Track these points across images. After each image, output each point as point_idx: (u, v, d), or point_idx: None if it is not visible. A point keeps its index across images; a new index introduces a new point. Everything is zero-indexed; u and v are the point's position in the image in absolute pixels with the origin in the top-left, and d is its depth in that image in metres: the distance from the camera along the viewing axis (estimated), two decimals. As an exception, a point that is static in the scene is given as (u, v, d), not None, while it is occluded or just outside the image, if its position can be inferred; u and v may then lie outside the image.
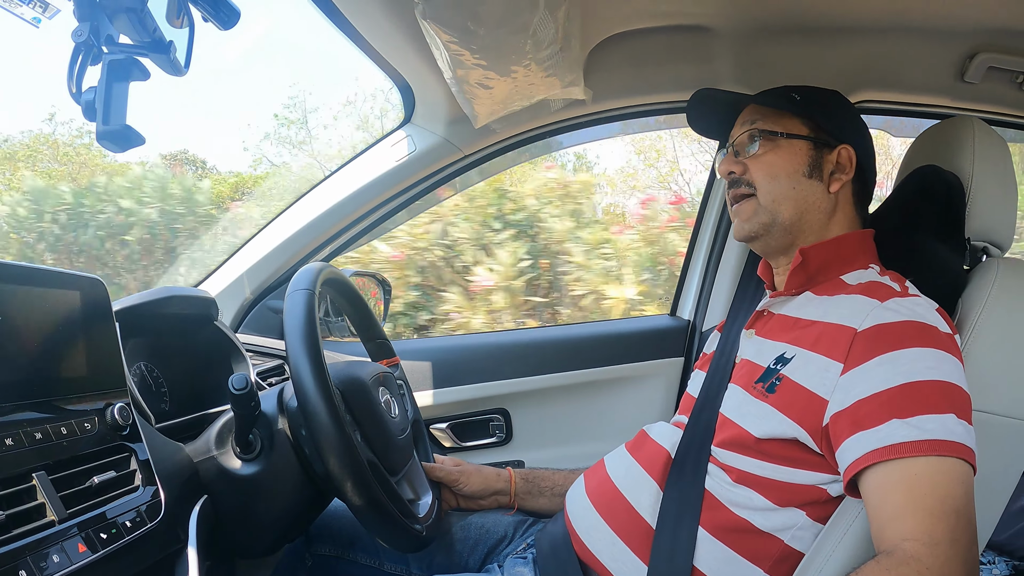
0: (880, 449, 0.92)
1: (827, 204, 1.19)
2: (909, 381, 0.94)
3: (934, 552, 0.86)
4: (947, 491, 0.89)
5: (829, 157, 1.19)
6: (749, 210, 1.21)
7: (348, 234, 1.86)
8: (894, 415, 0.93)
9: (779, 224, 1.19)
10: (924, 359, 0.96)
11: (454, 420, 1.96)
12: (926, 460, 0.90)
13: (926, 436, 0.91)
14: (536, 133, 1.84)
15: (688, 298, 2.14)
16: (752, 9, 1.47)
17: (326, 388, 1.02)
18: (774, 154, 1.19)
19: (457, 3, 1.11)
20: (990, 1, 1.39)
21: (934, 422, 0.91)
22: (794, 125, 1.20)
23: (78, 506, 0.84)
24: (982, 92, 1.68)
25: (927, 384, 0.94)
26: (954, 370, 0.96)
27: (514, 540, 1.37)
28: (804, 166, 1.18)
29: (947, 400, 0.93)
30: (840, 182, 1.19)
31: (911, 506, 0.90)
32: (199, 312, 1.43)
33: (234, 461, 1.11)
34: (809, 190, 1.18)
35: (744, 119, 1.26)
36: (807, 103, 1.22)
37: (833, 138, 1.20)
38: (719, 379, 1.25)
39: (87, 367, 0.94)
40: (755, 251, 1.29)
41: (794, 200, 1.18)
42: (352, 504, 1.04)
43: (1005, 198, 1.19)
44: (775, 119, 1.21)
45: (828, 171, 1.19)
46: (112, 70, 0.77)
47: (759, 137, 1.20)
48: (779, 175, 1.18)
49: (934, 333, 0.99)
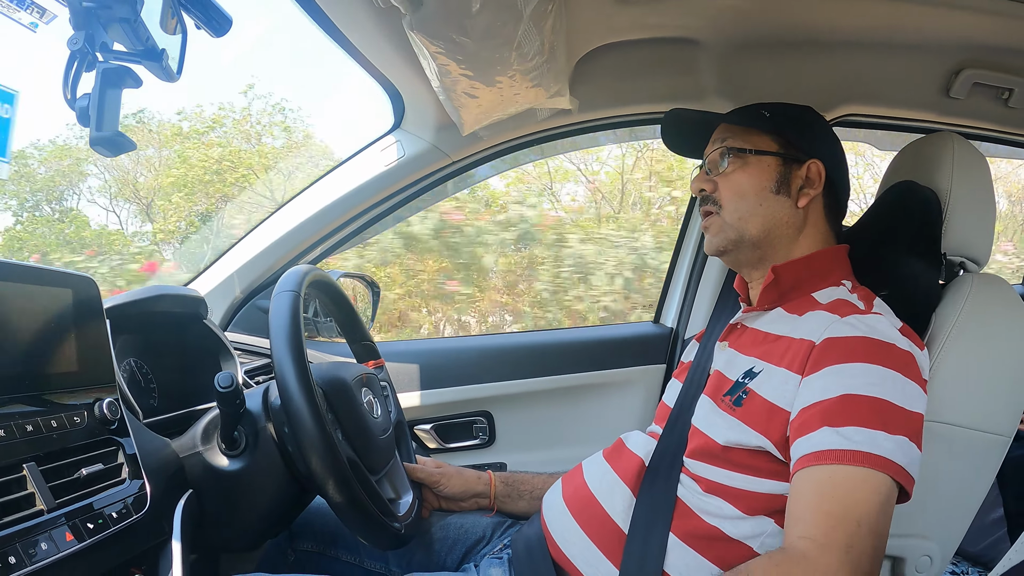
0: (808, 455, 0.96)
1: (796, 219, 1.21)
2: (848, 393, 0.97)
3: (824, 554, 0.89)
4: (856, 499, 0.91)
5: (798, 172, 1.21)
6: (716, 226, 1.23)
7: (337, 236, 1.88)
8: (826, 423, 0.96)
9: (747, 240, 1.21)
10: (868, 375, 0.98)
11: (438, 422, 1.99)
12: (846, 469, 0.93)
13: (851, 446, 0.93)
14: (523, 141, 1.87)
15: (671, 306, 2.17)
16: (738, 23, 1.49)
17: (308, 387, 1.05)
18: (742, 171, 1.21)
19: (444, 16, 1.13)
20: (976, 17, 1.42)
21: (862, 435, 0.94)
22: (763, 142, 1.22)
23: (66, 496, 0.87)
24: (967, 108, 1.70)
25: (864, 399, 0.96)
26: (899, 389, 0.98)
27: (492, 541, 1.39)
28: (772, 182, 1.20)
29: (879, 417, 0.95)
30: (808, 197, 1.20)
31: (816, 508, 0.93)
32: (189, 310, 1.45)
33: (219, 457, 1.14)
34: (776, 206, 1.20)
35: (716, 137, 1.28)
36: (777, 119, 1.24)
37: (803, 153, 1.21)
38: (694, 390, 1.26)
39: (78, 363, 0.97)
40: (727, 264, 1.31)
41: (761, 216, 1.20)
42: (332, 501, 1.07)
43: (983, 214, 1.21)
44: (745, 136, 1.23)
45: (797, 186, 1.21)
46: (106, 78, 0.80)
47: (728, 155, 1.22)
48: (746, 193, 1.20)
49: (888, 351, 1.01)
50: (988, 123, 1.78)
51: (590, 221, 6.14)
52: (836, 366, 1.01)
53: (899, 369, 0.99)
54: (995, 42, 1.52)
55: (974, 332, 1.10)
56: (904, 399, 0.97)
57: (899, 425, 0.95)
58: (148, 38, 0.83)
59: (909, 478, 0.94)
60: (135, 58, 0.83)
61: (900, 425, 0.95)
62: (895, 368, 0.99)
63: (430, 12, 1.13)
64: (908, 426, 0.96)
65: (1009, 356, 1.10)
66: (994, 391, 1.08)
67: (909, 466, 0.94)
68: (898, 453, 0.93)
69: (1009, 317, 1.12)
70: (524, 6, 1.15)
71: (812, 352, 1.04)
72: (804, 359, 1.05)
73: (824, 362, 1.02)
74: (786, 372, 1.07)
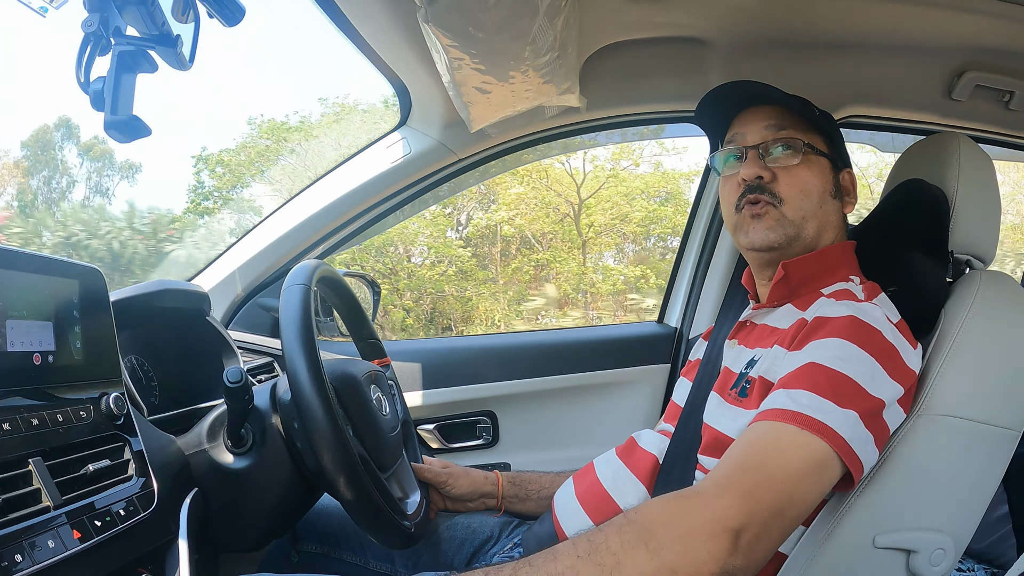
0: (759, 413, 0.95)
1: (840, 224, 1.21)
2: (812, 362, 0.97)
3: (721, 493, 0.85)
4: (779, 456, 0.89)
5: (840, 178, 1.21)
6: (773, 219, 1.16)
7: (340, 234, 1.86)
8: (783, 386, 0.96)
9: (801, 240, 1.16)
10: (838, 349, 0.97)
11: (441, 421, 1.97)
12: (783, 427, 0.91)
13: (796, 408, 0.92)
14: (530, 139, 1.86)
15: (676, 306, 2.16)
16: (745, 23, 1.49)
17: (320, 381, 1.03)
18: (808, 169, 1.16)
19: (459, 8, 1.12)
20: (979, 20, 1.42)
21: (810, 399, 0.92)
22: (819, 142, 1.18)
23: (72, 493, 0.84)
24: (969, 110, 1.71)
25: (825, 370, 0.95)
26: (867, 371, 0.96)
27: (500, 540, 1.38)
28: (831, 185, 1.18)
29: (833, 388, 0.93)
30: (851, 205, 1.21)
31: (736, 455, 0.91)
32: (192, 307, 1.43)
33: (225, 455, 1.12)
34: (831, 210, 1.18)
35: (767, 122, 1.19)
36: (824, 120, 1.21)
37: (842, 160, 1.22)
38: (705, 388, 1.25)
39: (84, 356, 0.94)
40: (758, 260, 1.24)
41: (819, 219, 1.17)
42: (342, 497, 1.04)
43: (988, 213, 1.21)
44: (805, 130, 1.18)
45: (844, 192, 1.21)
46: (121, 61, 0.78)
47: (798, 148, 1.16)
48: (811, 192, 1.15)
49: (869, 334, 0.99)
50: (989, 125, 1.78)
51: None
52: (816, 340, 1.00)
53: (874, 354, 0.98)
54: (997, 45, 1.53)
55: (984, 328, 1.09)
56: (869, 382, 0.95)
57: (852, 401, 0.93)
58: (164, 23, 0.82)
59: (853, 456, 0.91)
60: (149, 43, 0.81)
61: (853, 401, 0.93)
62: (870, 352, 0.98)
63: (446, 5, 1.12)
64: (862, 404, 0.94)
65: (1018, 351, 1.10)
66: (1004, 386, 1.08)
67: (854, 442, 0.91)
68: (843, 426, 0.91)
69: (1017, 313, 1.12)
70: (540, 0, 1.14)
71: (803, 329, 1.04)
72: (794, 335, 1.05)
73: (809, 338, 1.01)
74: (778, 348, 1.07)
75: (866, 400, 0.94)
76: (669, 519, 0.83)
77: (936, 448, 1.04)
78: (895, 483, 1.02)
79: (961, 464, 1.06)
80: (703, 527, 0.82)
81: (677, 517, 0.83)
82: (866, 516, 1.01)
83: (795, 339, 1.05)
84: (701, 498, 0.85)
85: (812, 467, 0.90)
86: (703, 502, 0.85)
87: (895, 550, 1.04)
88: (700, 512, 0.83)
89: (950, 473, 1.06)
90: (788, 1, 1.42)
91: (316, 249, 1.87)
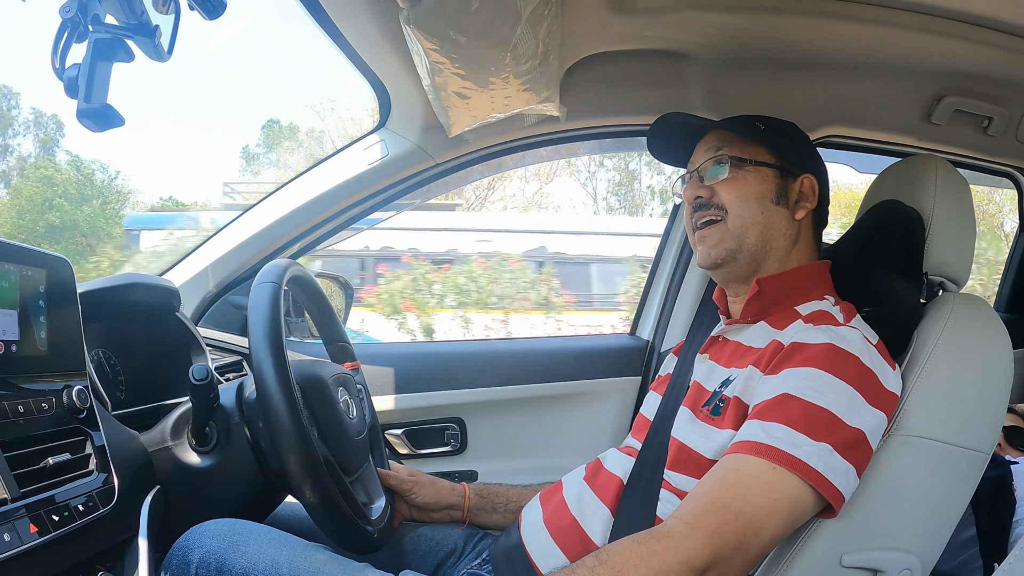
0: (733, 444, 0.97)
1: (792, 231, 1.21)
2: (787, 393, 0.98)
3: (688, 534, 0.89)
4: (747, 492, 0.92)
5: (793, 185, 1.22)
6: (716, 236, 1.20)
7: (315, 234, 1.85)
8: (757, 417, 0.98)
9: (745, 250, 1.19)
10: (814, 380, 0.98)
11: (409, 427, 1.96)
12: (754, 460, 0.93)
13: (768, 441, 0.94)
14: (508, 146, 1.86)
15: (648, 318, 2.16)
16: (729, 39, 1.51)
17: (286, 381, 1.02)
18: (743, 179, 1.20)
19: (442, 12, 1.12)
20: (959, 45, 1.44)
21: (783, 432, 0.94)
22: (760, 153, 1.22)
23: (30, 486, 0.83)
24: (948, 134, 1.74)
25: (799, 402, 0.96)
26: (843, 400, 0.97)
27: (464, 554, 1.36)
28: (772, 192, 1.20)
29: (807, 421, 0.95)
30: (805, 210, 1.21)
31: (704, 492, 0.94)
32: (161, 301, 1.41)
33: (189, 453, 1.11)
34: (776, 216, 1.20)
35: (709, 145, 1.25)
36: (773, 133, 1.24)
37: (796, 167, 1.22)
38: (674, 402, 1.24)
39: (48, 347, 0.93)
40: (716, 279, 1.30)
41: (761, 225, 1.19)
42: (305, 500, 1.03)
43: (964, 235, 1.22)
44: (742, 146, 1.22)
45: (793, 199, 1.21)
46: (97, 49, 0.77)
47: (727, 162, 1.21)
48: (749, 198, 1.19)
49: (846, 361, 1.01)
50: (966, 150, 1.82)
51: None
52: (792, 369, 1.01)
53: (852, 382, 0.99)
54: (978, 70, 1.56)
55: (956, 350, 1.11)
56: (846, 411, 0.97)
57: (826, 433, 0.95)
58: (142, 13, 0.81)
59: (830, 487, 0.93)
60: (127, 32, 0.80)
61: (828, 433, 0.95)
62: (847, 380, 0.99)
63: (428, 8, 1.12)
64: (838, 436, 0.95)
65: (989, 375, 1.11)
66: (974, 408, 1.09)
67: (830, 474, 0.93)
68: (815, 458, 0.93)
69: (989, 336, 1.13)
70: (523, 7, 1.14)
71: (779, 353, 1.05)
72: (770, 358, 1.06)
73: (784, 364, 1.03)
74: (753, 369, 1.08)
75: (842, 431, 0.96)
76: (640, 561, 0.89)
77: (906, 469, 1.05)
78: (864, 503, 1.02)
79: (930, 485, 1.07)
80: (672, 569, 0.88)
81: (648, 558, 0.89)
82: (834, 535, 1.02)
83: (771, 362, 1.05)
84: (671, 540, 0.89)
85: (781, 503, 0.92)
86: (672, 544, 0.89)
87: (862, 570, 1.04)
88: (670, 555, 0.88)
89: (919, 494, 1.07)
90: (770, 20, 1.43)
91: (291, 248, 1.85)
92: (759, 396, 1.02)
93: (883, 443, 1.03)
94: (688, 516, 0.91)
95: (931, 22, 1.38)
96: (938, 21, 1.38)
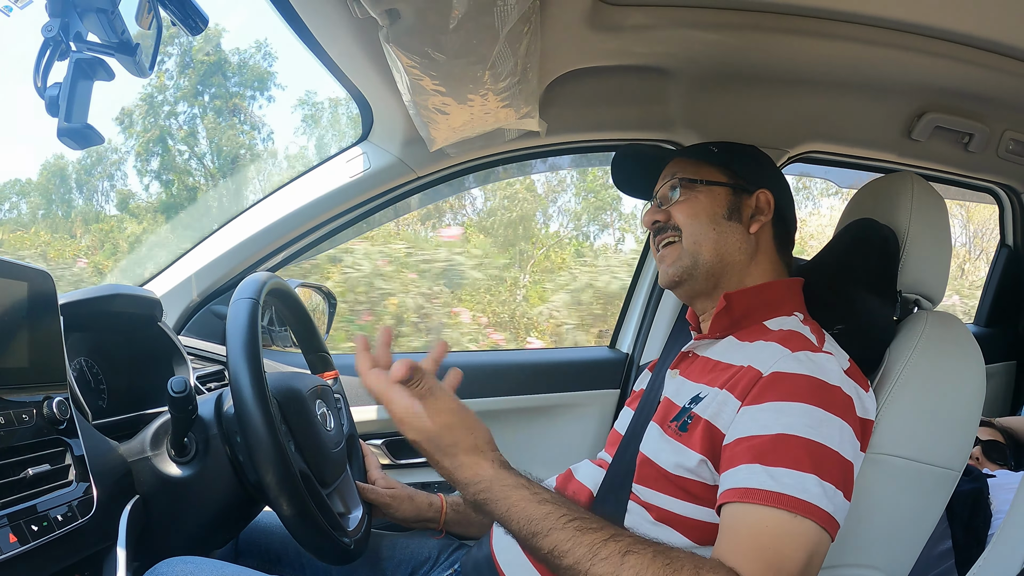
0: (737, 490, 0.96)
1: (748, 246, 1.23)
2: (784, 433, 0.97)
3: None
4: (786, 547, 0.91)
5: (748, 201, 1.25)
6: (673, 255, 1.25)
7: (298, 245, 1.86)
8: (758, 460, 0.97)
9: (701, 266, 1.22)
10: (807, 416, 0.98)
11: (389, 437, 1.96)
12: (774, 512, 0.93)
13: (780, 489, 0.93)
14: (489, 160, 1.88)
15: (628, 332, 2.18)
16: (709, 55, 1.52)
17: (263, 396, 1.03)
18: (695, 199, 1.25)
19: (420, 30, 1.13)
20: (940, 62, 1.46)
21: (792, 478, 0.94)
22: (712, 173, 1.26)
23: (10, 496, 0.84)
24: (928, 150, 1.77)
25: (799, 440, 0.96)
26: (835, 434, 0.99)
27: (439, 563, 1.38)
28: (723, 209, 1.23)
29: (812, 461, 0.95)
30: (759, 223, 1.24)
31: (749, 547, 0.93)
32: (143, 312, 1.42)
33: (168, 464, 1.11)
34: (729, 231, 1.23)
35: (667, 173, 1.32)
36: (723, 154, 1.28)
37: (751, 184, 1.25)
38: (645, 417, 1.25)
39: (29, 359, 0.94)
40: (680, 298, 1.32)
41: (714, 240, 1.22)
42: (282, 513, 1.04)
43: (939, 253, 1.24)
44: (695, 168, 1.27)
45: (748, 214, 1.24)
46: (78, 68, 0.78)
47: (679, 185, 1.26)
48: (699, 215, 1.23)
49: (831, 393, 1.02)
50: (947, 166, 1.84)
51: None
52: (778, 403, 1.01)
53: (839, 413, 1.00)
54: (957, 87, 1.58)
55: (927, 368, 1.12)
56: (839, 444, 0.98)
57: (831, 472, 0.95)
58: (124, 31, 0.83)
59: (835, 524, 0.95)
60: (109, 50, 0.82)
61: (832, 472, 0.96)
62: (835, 412, 1.00)
63: (407, 26, 1.13)
64: (839, 474, 0.96)
65: (960, 393, 1.12)
66: (945, 427, 1.10)
67: (835, 513, 0.94)
68: (825, 499, 0.93)
69: (962, 355, 1.15)
70: (501, 26, 1.16)
71: (758, 383, 1.05)
72: (748, 387, 1.05)
73: (766, 396, 1.02)
74: (727, 395, 1.07)
75: (841, 466, 0.97)
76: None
77: (877, 487, 1.06)
78: None
79: (901, 503, 1.08)
80: None
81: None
82: None
83: (749, 391, 1.05)
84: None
85: (809, 549, 0.92)
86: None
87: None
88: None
89: (889, 511, 1.08)
90: (750, 38, 1.45)
91: (274, 258, 1.86)
92: (741, 429, 1.02)
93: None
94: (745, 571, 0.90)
95: (911, 40, 1.40)
96: (918, 39, 1.40)
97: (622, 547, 0.89)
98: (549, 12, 1.29)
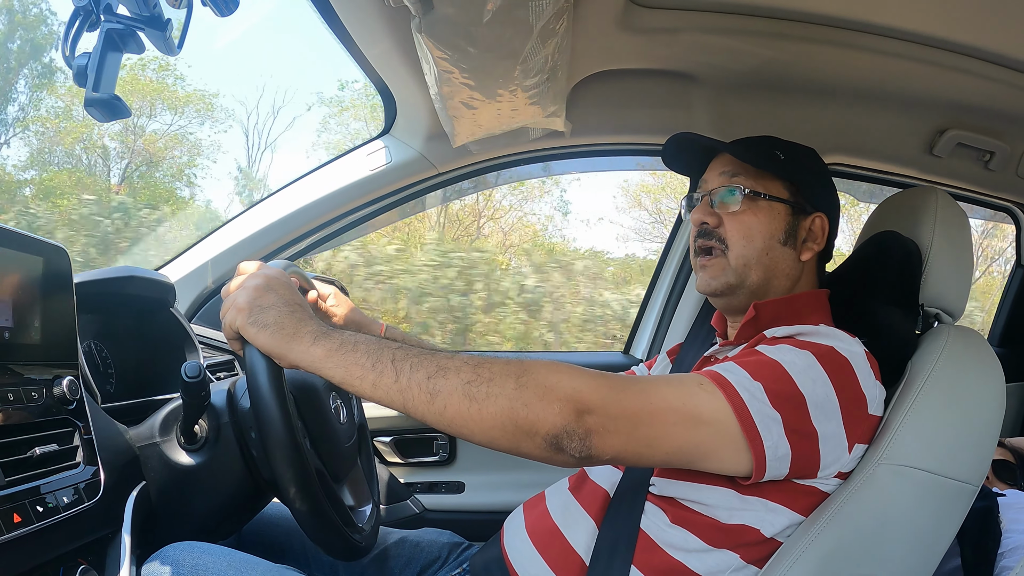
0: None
1: (795, 272, 1.20)
2: (772, 359, 0.97)
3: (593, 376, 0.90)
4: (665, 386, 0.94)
5: (804, 223, 1.19)
6: (718, 268, 1.19)
7: (314, 237, 1.85)
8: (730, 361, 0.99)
9: (746, 287, 1.18)
10: (804, 361, 0.98)
11: (399, 435, 1.95)
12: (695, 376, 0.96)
13: (723, 373, 0.95)
14: (511, 159, 1.87)
15: (643, 337, 2.17)
16: (733, 63, 1.51)
17: (281, 393, 0.99)
18: (754, 215, 1.17)
19: (454, 21, 1.12)
20: (962, 79, 1.45)
21: (745, 378, 0.94)
22: (776, 187, 1.19)
23: (16, 475, 0.82)
24: (949, 167, 1.75)
25: (779, 370, 0.96)
26: (819, 393, 0.97)
27: (447, 563, 1.36)
28: (781, 232, 1.18)
29: (757, 367, 0.96)
30: (812, 252, 1.19)
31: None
32: (157, 296, 1.40)
33: (177, 451, 1.09)
34: (781, 257, 1.18)
35: (723, 168, 1.22)
36: (792, 165, 1.21)
37: (811, 205, 1.20)
38: None
39: (41, 335, 0.92)
40: (715, 303, 1.28)
41: (765, 266, 1.17)
42: (295, 509, 1.01)
43: (961, 268, 1.22)
44: (757, 177, 1.19)
45: (801, 237, 1.19)
46: (109, 39, 0.77)
47: (740, 194, 1.18)
48: (755, 237, 1.17)
49: (840, 365, 1.00)
50: (967, 183, 1.82)
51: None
52: (788, 346, 1.01)
53: (831, 373, 0.98)
54: (981, 104, 1.57)
55: (949, 382, 1.10)
56: (815, 407, 0.96)
57: (766, 377, 0.95)
58: (156, 5, 0.81)
59: (759, 441, 0.93)
60: (139, 24, 0.80)
61: (767, 377, 0.95)
62: (829, 371, 0.98)
63: (440, 16, 1.12)
64: (778, 387, 0.95)
65: (981, 407, 1.10)
66: (965, 441, 1.09)
67: (763, 430, 0.92)
68: (758, 413, 0.92)
69: (983, 370, 1.13)
70: (535, 21, 1.15)
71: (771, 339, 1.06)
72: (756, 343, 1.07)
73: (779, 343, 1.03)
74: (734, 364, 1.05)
75: (803, 421, 0.95)
76: (546, 372, 0.89)
77: (895, 498, 1.04)
78: (852, 530, 1.02)
79: (919, 515, 1.06)
80: (562, 389, 0.87)
81: (552, 373, 0.88)
82: (819, 562, 1.01)
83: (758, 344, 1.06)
84: (577, 370, 0.90)
85: (694, 412, 0.92)
86: (577, 373, 0.89)
87: None
88: (569, 379, 0.88)
89: (907, 523, 1.06)
90: (777, 46, 1.44)
91: (289, 249, 1.85)
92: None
93: (874, 471, 1.02)
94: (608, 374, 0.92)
95: (936, 54, 1.39)
96: (943, 54, 1.39)
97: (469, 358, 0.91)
98: (582, 11, 1.28)
